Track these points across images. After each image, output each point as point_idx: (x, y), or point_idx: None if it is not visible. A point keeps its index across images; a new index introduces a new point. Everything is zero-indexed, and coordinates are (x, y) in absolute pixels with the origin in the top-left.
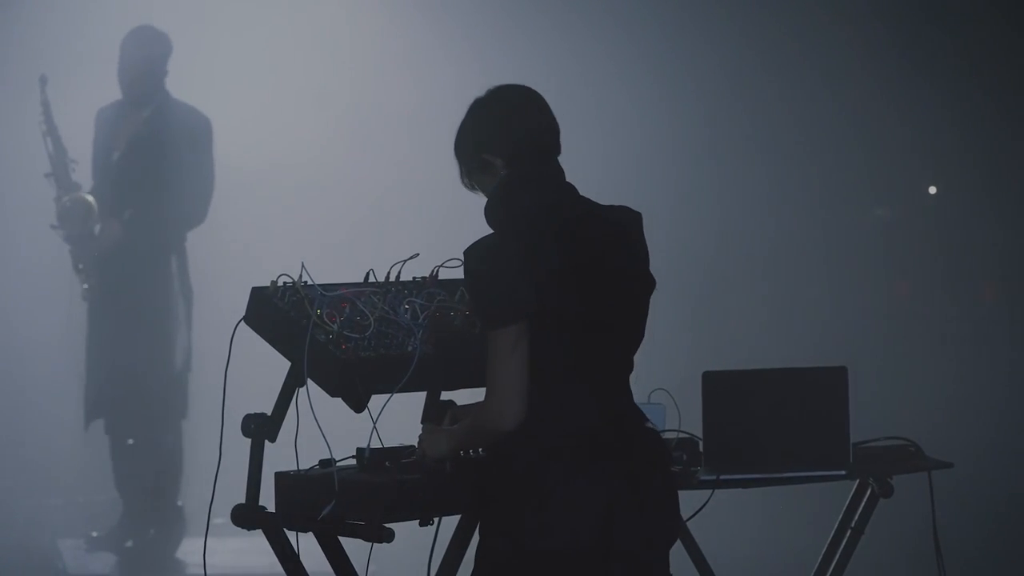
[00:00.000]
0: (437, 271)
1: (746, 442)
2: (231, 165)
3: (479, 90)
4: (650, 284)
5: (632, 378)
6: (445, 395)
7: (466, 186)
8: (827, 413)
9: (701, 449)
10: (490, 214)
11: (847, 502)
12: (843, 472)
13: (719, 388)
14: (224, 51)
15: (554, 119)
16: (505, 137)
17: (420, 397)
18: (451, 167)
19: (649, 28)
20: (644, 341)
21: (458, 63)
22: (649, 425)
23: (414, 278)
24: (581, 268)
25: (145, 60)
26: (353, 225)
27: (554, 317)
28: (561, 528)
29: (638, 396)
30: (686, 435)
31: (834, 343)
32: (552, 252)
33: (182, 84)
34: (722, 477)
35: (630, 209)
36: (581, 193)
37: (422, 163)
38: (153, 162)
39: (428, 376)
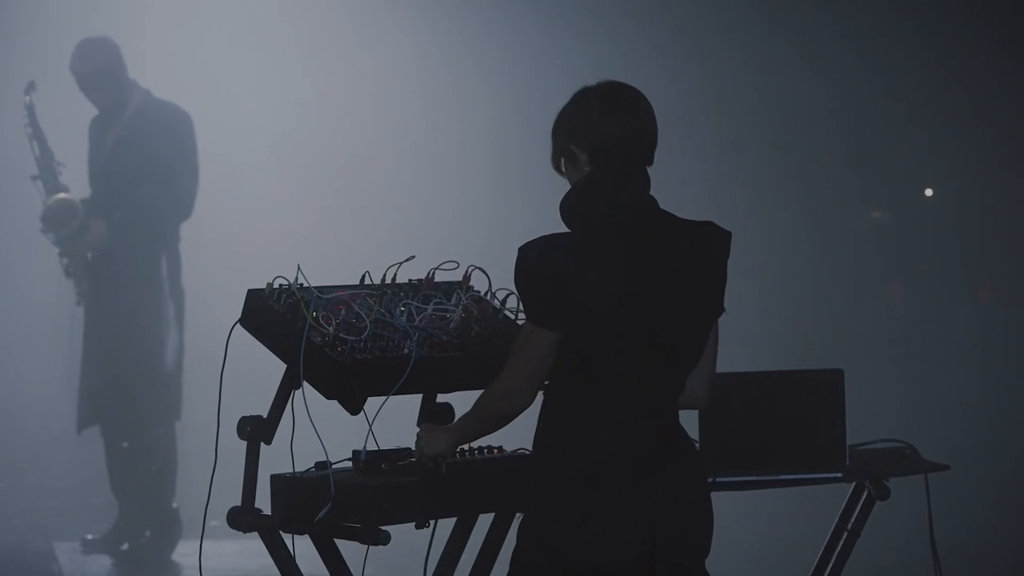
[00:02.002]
0: (433, 273)
1: (743, 444)
2: (226, 166)
3: (476, 93)
4: (716, 309)
5: None
6: (442, 398)
7: (554, 167)
8: (823, 415)
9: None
10: (563, 210)
11: (843, 504)
12: (839, 474)
13: (716, 390)
14: (218, 52)
15: (652, 127)
16: (595, 134)
17: (416, 400)
18: (451, 171)
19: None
20: None
21: (457, 65)
22: (693, 442)
23: (410, 280)
24: (640, 285)
25: (95, 71)
26: (349, 227)
27: (605, 330)
28: (604, 546)
29: None
30: None
31: (831, 345)
32: (611, 266)
33: (177, 84)
34: (719, 479)
35: (716, 227)
36: (663, 206)
37: (421, 166)
38: (137, 162)
39: (424, 378)
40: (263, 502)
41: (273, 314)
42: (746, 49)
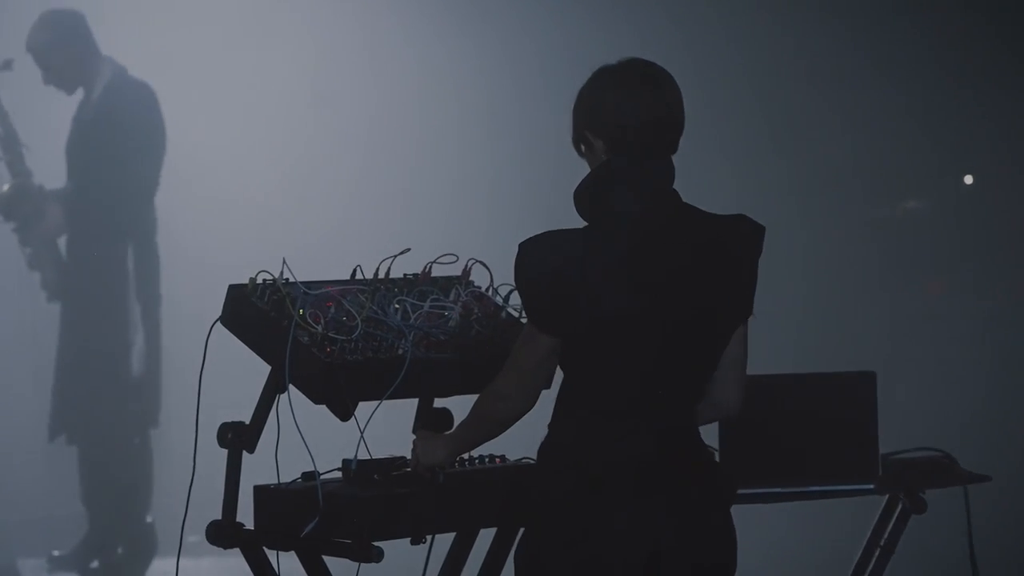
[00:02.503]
0: (430, 268)
1: (767, 453)
2: (205, 151)
3: (474, 75)
4: (741, 310)
5: None
6: (440, 403)
7: (575, 149)
8: (854, 422)
9: (718, 460)
10: (576, 200)
11: (876, 518)
12: (871, 486)
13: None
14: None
15: (678, 113)
16: (612, 121)
17: (412, 405)
18: (444, 157)
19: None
20: None
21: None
22: (711, 455)
23: (405, 275)
24: (653, 289)
25: (52, 45)
26: (339, 218)
27: (611, 338)
28: (601, 568)
29: None
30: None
31: (861, 346)
32: (622, 268)
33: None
34: (741, 492)
35: (748, 221)
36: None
37: (414, 153)
38: (101, 142)
39: (421, 381)
40: (245, 516)
41: (256, 312)
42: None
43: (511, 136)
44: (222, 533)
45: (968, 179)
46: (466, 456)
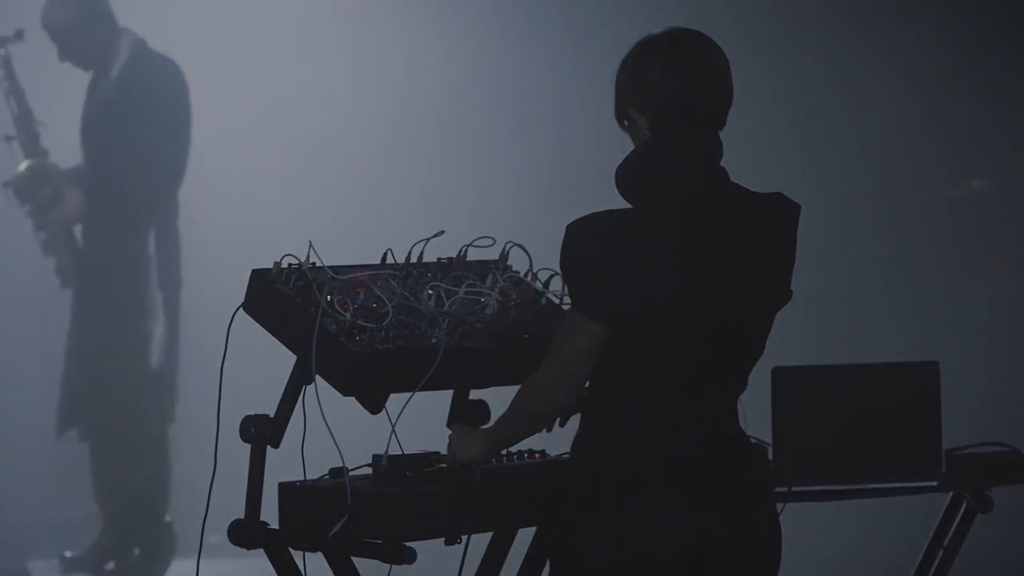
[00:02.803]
0: (465, 251)
1: (822, 448)
2: (228, 128)
3: (512, 56)
4: (781, 296)
5: None
6: (476, 394)
7: (618, 124)
8: (915, 415)
9: (771, 456)
10: (619, 179)
11: (939, 518)
12: (934, 483)
13: (791, 386)
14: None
15: (726, 86)
16: (655, 96)
17: (446, 397)
18: (484, 132)
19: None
20: None
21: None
22: (757, 449)
23: (439, 259)
24: (705, 271)
25: (70, 23)
26: (369, 199)
27: (660, 323)
28: (646, 569)
29: None
30: (754, 440)
31: (923, 334)
32: (673, 249)
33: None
34: (795, 489)
35: (785, 199)
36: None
37: (451, 129)
38: (127, 123)
39: (455, 372)
40: (269, 514)
41: (281, 298)
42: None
43: (551, 114)
44: (245, 533)
45: None
46: (504, 452)
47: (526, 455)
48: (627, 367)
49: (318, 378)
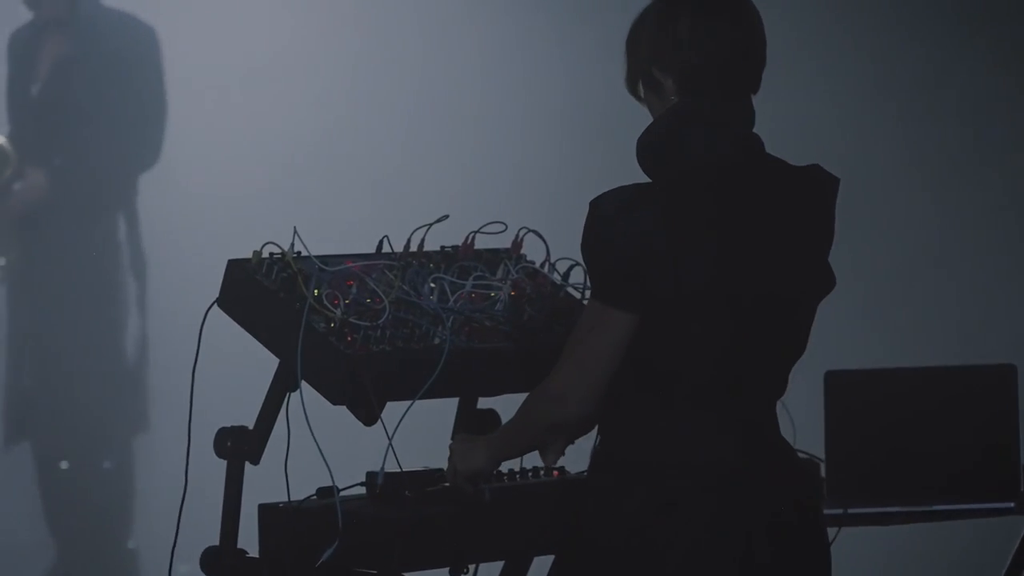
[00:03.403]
0: (473, 238)
1: (882, 464)
2: (202, 100)
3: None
4: (825, 281)
5: None
6: (485, 402)
7: (630, 92)
8: (989, 426)
9: (823, 473)
10: (641, 152)
11: (1016, 544)
12: (1011, 504)
13: (846, 393)
14: None
15: (760, 42)
16: (684, 53)
17: (451, 406)
18: (492, 106)
19: None
20: None
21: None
22: (803, 461)
23: (443, 247)
24: (744, 253)
25: None
26: (361, 178)
27: (694, 313)
28: None
29: None
30: (803, 455)
31: (996, 334)
32: (709, 228)
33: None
34: (850, 511)
35: (823, 172)
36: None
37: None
38: (84, 92)
39: (462, 377)
40: (248, 541)
41: (262, 292)
42: None
43: (568, 80)
44: (220, 562)
45: None
46: (516, 468)
47: (542, 472)
48: (655, 366)
49: (304, 384)
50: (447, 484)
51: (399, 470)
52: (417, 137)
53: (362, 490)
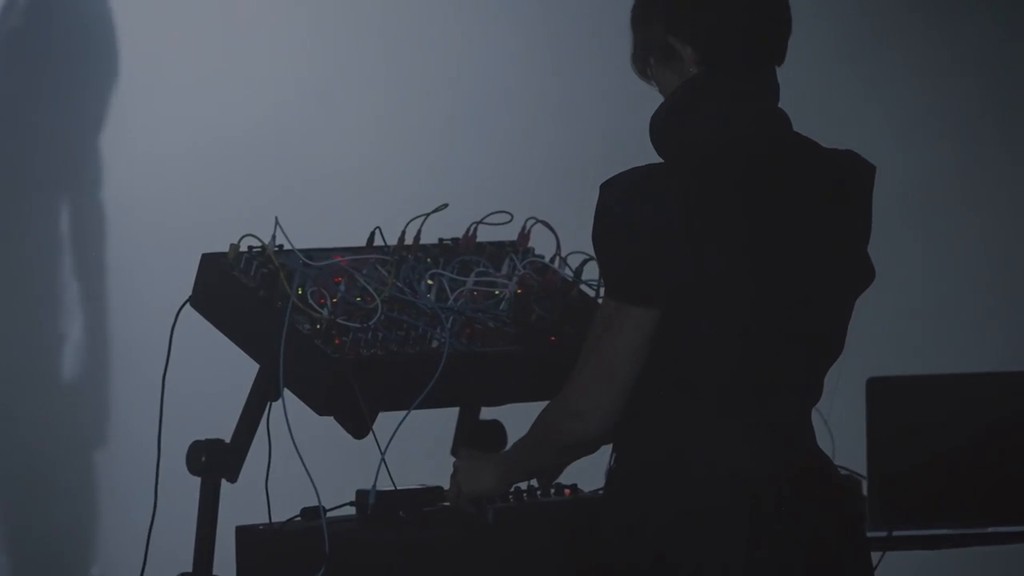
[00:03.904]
0: (475, 230)
1: (930, 481)
2: (169, 79)
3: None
4: (863, 274)
5: None
6: (489, 412)
7: (637, 71)
8: None
9: (865, 491)
10: (655, 132)
11: None
12: None
13: (891, 402)
14: None
15: (786, 6)
16: (707, 18)
17: (451, 416)
18: (496, 84)
19: None
20: None
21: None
22: (845, 478)
23: (441, 240)
24: (772, 242)
25: None
26: (352, 163)
27: (717, 308)
28: None
29: None
30: (843, 471)
31: None
32: (733, 214)
33: None
34: (896, 533)
35: (858, 157)
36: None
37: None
38: (32, 74)
39: (463, 384)
40: (225, 567)
41: (240, 290)
42: None
43: (579, 62)
44: None
45: None
46: (523, 486)
47: (552, 491)
48: (675, 370)
49: (287, 393)
50: (446, 504)
51: (392, 488)
52: (412, 118)
53: (351, 510)
